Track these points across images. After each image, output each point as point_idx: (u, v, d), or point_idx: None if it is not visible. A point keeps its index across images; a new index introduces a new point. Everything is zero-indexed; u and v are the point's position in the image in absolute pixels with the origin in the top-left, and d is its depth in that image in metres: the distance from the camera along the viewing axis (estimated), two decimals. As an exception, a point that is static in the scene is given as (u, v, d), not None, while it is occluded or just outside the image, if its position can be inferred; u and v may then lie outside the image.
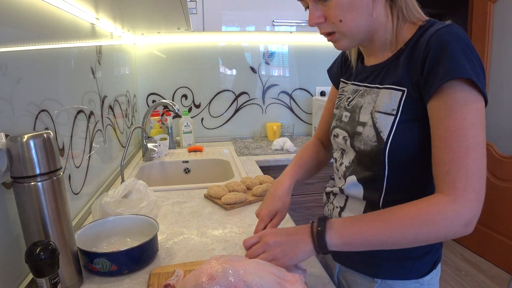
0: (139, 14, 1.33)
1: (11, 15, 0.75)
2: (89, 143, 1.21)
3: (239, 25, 1.94)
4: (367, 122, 0.72)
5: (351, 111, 0.78)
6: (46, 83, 0.90)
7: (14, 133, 0.66)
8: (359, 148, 0.73)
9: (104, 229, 0.92)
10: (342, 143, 0.80)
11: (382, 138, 0.68)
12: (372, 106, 0.72)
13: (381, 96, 0.71)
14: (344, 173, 0.79)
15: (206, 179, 1.82)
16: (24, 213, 0.67)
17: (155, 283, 0.73)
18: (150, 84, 2.20)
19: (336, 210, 0.82)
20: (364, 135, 0.72)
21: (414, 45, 0.68)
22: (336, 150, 0.85)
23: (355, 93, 0.80)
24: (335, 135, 0.83)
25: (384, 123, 0.68)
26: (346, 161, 0.80)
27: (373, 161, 0.71)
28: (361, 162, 0.75)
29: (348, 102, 0.81)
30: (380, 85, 0.73)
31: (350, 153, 0.78)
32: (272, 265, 0.69)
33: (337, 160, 0.84)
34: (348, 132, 0.77)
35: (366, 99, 0.75)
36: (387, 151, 0.68)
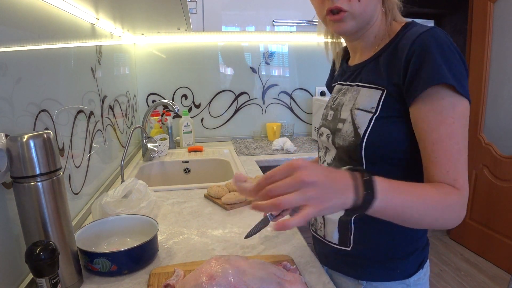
0: (139, 14, 1.33)
1: (11, 15, 0.75)
2: (89, 143, 1.21)
3: (239, 25, 1.94)
4: (346, 118, 0.74)
5: (334, 110, 0.80)
6: (46, 83, 0.90)
7: (14, 133, 0.66)
8: (339, 144, 0.75)
9: (104, 229, 0.92)
10: (325, 141, 0.81)
11: (359, 133, 0.70)
12: (352, 104, 0.74)
13: (361, 94, 0.73)
14: None
15: (206, 179, 1.82)
16: (24, 213, 0.67)
17: (155, 283, 0.74)
18: (150, 84, 2.20)
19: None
20: (343, 131, 0.74)
21: (396, 46, 0.69)
22: (321, 149, 0.86)
23: (339, 92, 0.82)
24: (321, 133, 0.84)
25: (362, 120, 0.70)
26: (329, 159, 0.81)
27: (351, 156, 0.73)
28: (340, 159, 0.76)
29: (333, 101, 0.83)
30: (361, 83, 0.75)
31: (332, 151, 0.80)
32: (271, 264, 0.69)
33: (321, 158, 0.85)
34: (330, 130, 0.79)
35: (347, 97, 0.77)
36: (363, 146, 0.69)
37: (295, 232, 0.98)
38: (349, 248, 0.77)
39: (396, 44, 0.69)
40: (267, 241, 0.94)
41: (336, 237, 0.79)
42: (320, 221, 0.83)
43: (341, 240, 0.78)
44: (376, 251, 0.75)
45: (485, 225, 2.47)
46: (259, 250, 0.89)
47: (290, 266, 0.76)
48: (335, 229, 0.79)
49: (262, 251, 0.88)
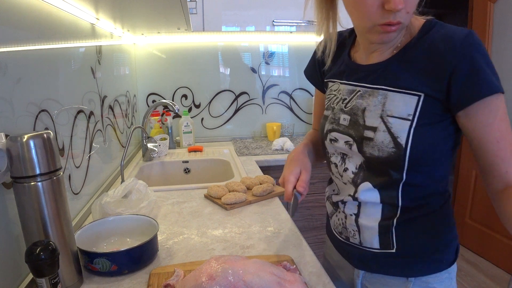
0: (139, 14, 1.33)
1: (11, 15, 0.75)
2: (89, 143, 1.21)
3: (239, 25, 1.94)
4: (378, 127, 0.69)
5: (350, 114, 0.75)
6: (46, 83, 0.90)
7: (14, 133, 0.66)
8: (372, 154, 0.71)
9: (104, 229, 0.92)
10: (344, 148, 0.77)
11: (400, 144, 0.67)
12: (380, 110, 0.70)
13: (392, 100, 0.69)
14: (353, 179, 0.77)
15: (206, 179, 1.82)
16: (24, 213, 0.67)
17: (155, 283, 0.74)
18: (150, 84, 2.20)
19: (350, 218, 0.79)
20: (377, 140, 0.69)
21: (427, 47, 0.66)
22: (334, 155, 0.82)
23: (352, 94, 0.77)
24: (333, 139, 0.79)
25: (400, 128, 0.67)
26: (351, 167, 0.77)
27: (390, 166, 0.69)
28: (372, 168, 0.73)
29: (344, 103, 0.78)
30: (387, 87, 0.70)
31: (356, 158, 0.75)
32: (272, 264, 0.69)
33: (338, 165, 0.80)
34: (352, 137, 0.74)
35: (369, 101, 0.72)
36: (407, 156, 0.67)
37: (295, 232, 0.98)
38: (393, 250, 0.75)
39: (426, 45, 0.66)
40: (267, 241, 0.94)
41: (377, 242, 0.76)
42: (353, 229, 0.79)
43: (383, 244, 0.76)
44: (422, 247, 0.75)
45: (485, 225, 2.47)
46: (259, 250, 0.89)
47: (290, 266, 0.76)
48: (374, 235, 0.76)
49: (262, 251, 0.88)
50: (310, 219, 1.92)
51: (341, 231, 0.84)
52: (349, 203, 0.79)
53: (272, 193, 1.27)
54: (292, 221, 1.05)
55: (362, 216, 0.77)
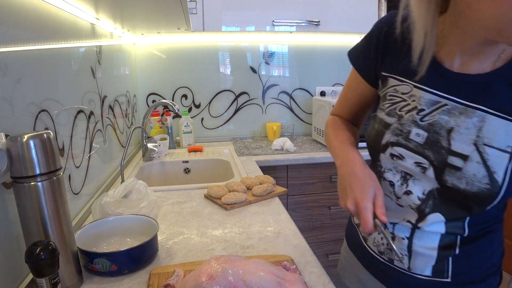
0: (139, 14, 1.33)
1: (11, 15, 0.75)
2: (89, 143, 1.21)
3: (239, 25, 1.94)
4: (470, 155, 0.58)
5: (428, 130, 0.62)
6: (46, 83, 0.90)
7: (14, 133, 0.66)
8: (456, 186, 0.59)
9: (104, 229, 0.92)
10: (412, 169, 0.64)
11: (497, 180, 0.56)
12: (475, 135, 0.57)
13: (492, 126, 0.57)
14: (419, 207, 0.66)
15: (206, 179, 1.82)
16: (24, 213, 0.67)
17: (155, 283, 0.74)
18: (150, 84, 2.20)
19: (401, 241, 0.70)
20: (467, 172, 0.58)
21: None
22: (391, 171, 0.69)
23: (434, 106, 0.62)
24: (397, 155, 0.66)
25: (498, 162, 0.56)
26: (418, 191, 0.65)
27: (476, 202, 0.59)
28: (449, 199, 0.62)
29: (421, 115, 0.63)
30: (487, 108, 0.57)
31: (426, 183, 0.64)
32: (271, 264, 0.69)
33: (395, 185, 0.68)
34: (429, 160, 0.62)
35: (459, 121, 0.59)
36: (500, 194, 0.57)
37: (295, 232, 0.98)
38: (448, 279, 0.67)
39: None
40: (267, 241, 0.94)
41: (430, 270, 0.68)
42: (402, 252, 0.70)
43: (437, 272, 0.68)
44: (479, 273, 0.68)
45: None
46: (259, 250, 0.89)
47: (290, 266, 0.76)
48: (429, 263, 0.68)
49: (262, 251, 0.88)
50: (310, 219, 1.92)
51: (383, 251, 0.74)
52: (401, 225, 0.69)
53: (272, 193, 1.27)
54: (292, 221, 1.05)
55: (416, 241, 0.68)
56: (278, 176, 1.83)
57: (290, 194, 1.86)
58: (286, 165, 1.83)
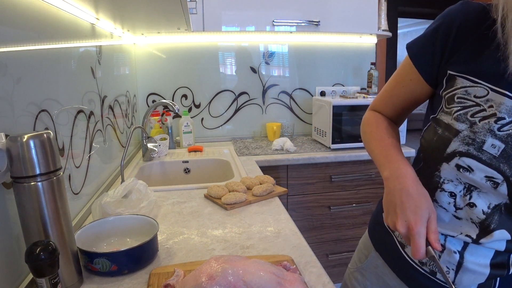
0: (139, 14, 1.33)
1: (11, 15, 0.75)
2: (89, 143, 1.21)
3: (239, 25, 1.94)
4: None
5: (506, 142, 0.55)
6: (46, 83, 0.90)
7: (14, 133, 0.66)
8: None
9: (104, 229, 0.92)
10: (483, 184, 0.58)
11: None
12: None
13: None
14: (483, 221, 0.60)
15: (206, 179, 1.82)
16: (24, 213, 0.67)
17: (155, 283, 0.74)
18: (150, 84, 2.20)
19: (452, 255, 0.64)
20: None
21: None
22: (452, 182, 0.63)
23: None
24: (465, 167, 0.59)
25: None
26: (483, 205, 0.59)
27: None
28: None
29: (499, 124, 0.55)
30: None
31: (493, 196, 0.58)
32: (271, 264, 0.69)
33: (456, 195, 0.62)
34: (505, 176, 0.56)
35: None
36: None
37: (295, 232, 0.98)
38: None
39: None
40: (267, 241, 0.94)
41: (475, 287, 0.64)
42: (449, 266, 0.65)
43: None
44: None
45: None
46: (259, 250, 0.89)
47: (290, 266, 0.76)
48: (477, 281, 0.63)
49: (262, 251, 0.88)
50: (310, 219, 1.92)
51: (424, 263, 0.69)
52: (456, 239, 0.64)
53: (272, 193, 1.27)
54: (292, 221, 1.05)
55: (468, 256, 0.63)
56: (278, 176, 1.83)
57: (290, 194, 1.86)
58: (286, 165, 1.83)
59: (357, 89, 2.40)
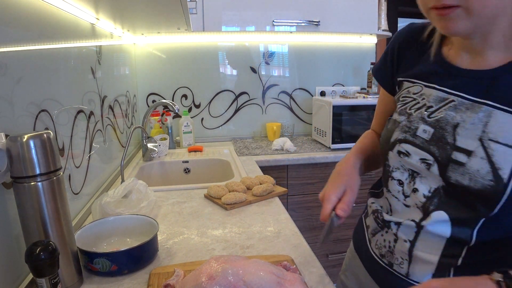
0: (139, 14, 1.33)
1: (11, 15, 0.75)
2: (89, 143, 1.21)
3: (239, 25, 1.94)
4: (474, 151, 0.57)
5: (435, 127, 0.62)
6: (46, 83, 0.90)
7: (14, 133, 0.66)
8: (459, 182, 0.58)
9: (104, 229, 0.92)
10: (418, 166, 0.64)
11: (502, 177, 0.54)
12: (480, 130, 0.57)
13: (498, 121, 0.56)
14: (424, 204, 0.64)
15: (206, 179, 1.82)
16: (24, 213, 0.67)
17: (155, 283, 0.74)
18: (150, 84, 2.20)
19: (403, 244, 0.67)
20: (471, 168, 0.57)
21: None
22: (398, 170, 0.69)
23: (442, 103, 0.63)
24: (404, 152, 0.66)
25: (504, 158, 0.54)
26: (424, 189, 0.64)
27: (480, 200, 0.57)
28: (454, 197, 0.60)
29: (429, 112, 0.64)
30: (494, 103, 0.57)
31: (432, 180, 0.63)
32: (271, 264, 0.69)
33: (404, 183, 0.68)
34: (434, 156, 0.62)
35: (465, 117, 0.59)
36: (507, 193, 0.54)
37: (295, 232, 0.98)
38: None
39: None
40: (267, 241, 0.94)
41: (429, 279, 0.65)
42: (402, 256, 0.68)
43: None
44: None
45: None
46: (259, 250, 0.89)
47: (290, 266, 0.76)
48: (429, 271, 0.65)
49: (262, 251, 0.88)
50: (310, 219, 1.92)
51: (383, 254, 0.72)
52: (404, 226, 0.67)
53: (272, 193, 1.27)
54: (292, 221, 1.05)
55: (419, 246, 0.65)
56: (278, 176, 1.83)
57: (290, 194, 1.86)
58: (286, 165, 1.83)
59: (357, 89, 2.40)
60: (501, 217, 0.57)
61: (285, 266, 0.76)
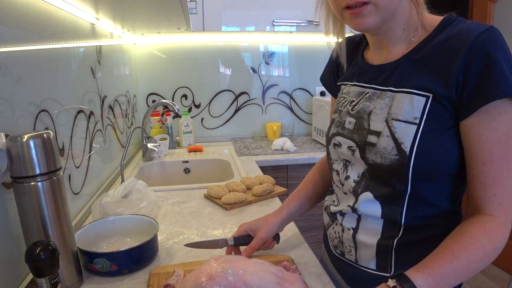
0: (139, 14, 1.33)
1: (11, 15, 0.75)
2: (89, 143, 1.21)
3: (239, 25, 1.94)
4: (382, 131, 0.64)
5: (356, 117, 0.70)
6: (46, 83, 0.90)
7: (14, 133, 0.66)
8: (374, 161, 0.65)
9: (104, 229, 0.92)
10: (347, 153, 0.71)
11: (404, 151, 0.61)
12: (386, 113, 0.65)
13: (398, 102, 0.63)
14: (354, 188, 0.71)
15: (206, 179, 1.82)
16: (24, 213, 0.67)
17: (155, 283, 0.74)
18: (150, 84, 2.20)
19: (348, 232, 0.73)
20: (380, 146, 0.64)
21: (441, 43, 0.61)
22: (337, 161, 0.76)
23: (360, 96, 0.71)
24: (337, 143, 0.75)
25: (405, 133, 0.61)
26: (354, 175, 0.71)
27: (393, 175, 0.63)
28: (375, 177, 0.67)
29: (352, 106, 0.73)
30: (395, 88, 0.65)
31: (359, 166, 0.70)
32: (271, 264, 0.69)
33: (340, 173, 0.75)
34: (355, 142, 0.69)
35: (376, 104, 0.67)
36: (411, 165, 0.60)
37: (295, 233, 0.98)
38: (390, 273, 0.68)
39: (440, 41, 0.61)
40: (267, 241, 0.93)
41: (374, 263, 0.70)
42: (349, 244, 0.73)
43: (380, 266, 0.69)
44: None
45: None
46: (259, 251, 0.89)
47: (290, 266, 0.76)
48: (372, 255, 0.69)
49: (262, 251, 0.88)
50: (310, 219, 1.92)
51: (336, 245, 0.78)
52: (348, 215, 0.73)
53: (272, 193, 1.27)
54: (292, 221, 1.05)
55: (361, 231, 0.71)
56: (278, 176, 1.83)
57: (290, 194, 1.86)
58: (286, 165, 1.83)
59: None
60: (422, 193, 0.63)
61: (285, 266, 0.76)
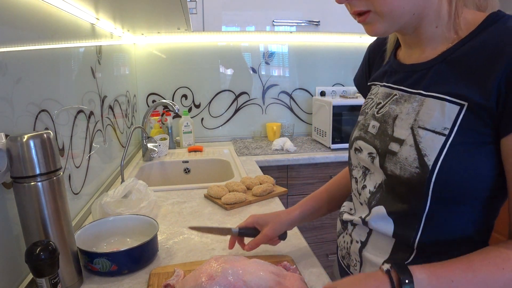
0: (139, 14, 1.33)
1: (11, 15, 0.75)
2: (89, 143, 1.21)
3: (239, 25, 1.94)
4: (405, 139, 0.57)
5: (381, 121, 0.64)
6: (46, 83, 0.90)
7: (14, 133, 0.66)
8: (393, 172, 0.59)
9: (104, 229, 0.92)
10: (367, 160, 0.65)
11: (427, 164, 0.53)
12: (413, 119, 0.57)
13: (427, 108, 0.56)
14: (369, 200, 0.65)
15: (206, 179, 1.82)
16: (24, 213, 0.67)
17: (155, 283, 0.74)
18: (150, 84, 2.20)
19: (355, 245, 0.68)
20: (401, 156, 0.57)
21: (481, 44, 0.53)
22: (356, 167, 0.70)
23: (388, 98, 0.65)
24: (358, 148, 0.68)
25: (430, 144, 0.54)
26: (371, 185, 0.65)
27: (411, 191, 0.57)
28: (392, 190, 0.60)
29: (378, 108, 0.66)
30: (425, 92, 0.58)
31: (377, 175, 0.63)
32: (271, 264, 0.69)
33: (358, 180, 0.69)
34: (377, 149, 0.63)
35: (403, 108, 0.60)
36: (432, 181, 0.53)
37: (295, 232, 0.98)
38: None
39: (482, 41, 0.53)
40: (267, 241, 0.93)
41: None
42: (355, 258, 0.69)
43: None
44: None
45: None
46: (259, 250, 0.89)
47: (290, 266, 0.76)
48: None
49: (262, 251, 0.88)
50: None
51: (344, 256, 0.74)
52: (358, 227, 0.68)
53: (272, 193, 1.27)
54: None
55: (369, 247, 0.65)
56: (278, 176, 1.83)
57: (290, 194, 1.86)
58: (286, 165, 1.84)
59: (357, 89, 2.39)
60: (441, 215, 0.56)
61: (285, 266, 0.76)
